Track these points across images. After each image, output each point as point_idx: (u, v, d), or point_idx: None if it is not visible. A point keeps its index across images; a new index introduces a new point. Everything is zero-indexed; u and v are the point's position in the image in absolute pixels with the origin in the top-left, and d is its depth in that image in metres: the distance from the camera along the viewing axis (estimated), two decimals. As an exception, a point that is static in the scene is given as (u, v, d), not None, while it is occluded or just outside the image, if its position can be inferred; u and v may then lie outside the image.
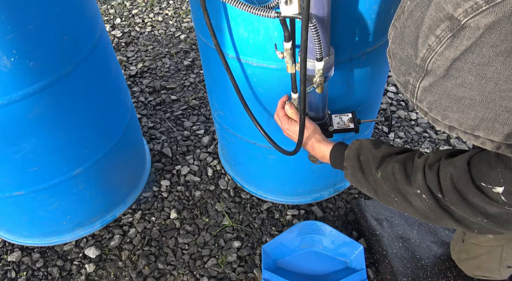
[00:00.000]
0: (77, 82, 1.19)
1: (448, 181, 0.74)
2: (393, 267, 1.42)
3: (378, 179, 0.89)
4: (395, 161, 0.86)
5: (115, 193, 1.63)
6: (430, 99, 0.54)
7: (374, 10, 1.00)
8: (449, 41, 0.47)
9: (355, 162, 0.94)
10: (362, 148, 0.94)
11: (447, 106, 0.52)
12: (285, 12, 0.81)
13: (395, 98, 2.17)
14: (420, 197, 0.80)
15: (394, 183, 0.85)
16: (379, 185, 0.89)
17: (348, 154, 0.96)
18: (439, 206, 0.77)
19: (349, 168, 0.96)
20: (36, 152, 1.22)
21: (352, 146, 0.97)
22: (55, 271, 1.53)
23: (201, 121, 2.10)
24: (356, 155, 0.95)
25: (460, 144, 1.92)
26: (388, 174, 0.86)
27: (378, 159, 0.90)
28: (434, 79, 0.51)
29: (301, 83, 0.90)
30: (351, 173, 0.96)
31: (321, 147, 1.05)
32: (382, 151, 0.91)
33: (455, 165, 0.73)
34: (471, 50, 0.46)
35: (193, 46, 2.62)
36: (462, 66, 0.47)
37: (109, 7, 3.05)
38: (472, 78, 0.47)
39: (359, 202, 1.64)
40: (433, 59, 0.50)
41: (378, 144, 0.94)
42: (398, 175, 0.84)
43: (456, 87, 0.49)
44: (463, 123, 0.52)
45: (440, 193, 0.76)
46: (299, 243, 1.51)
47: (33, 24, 0.99)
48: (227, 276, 1.51)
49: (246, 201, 1.74)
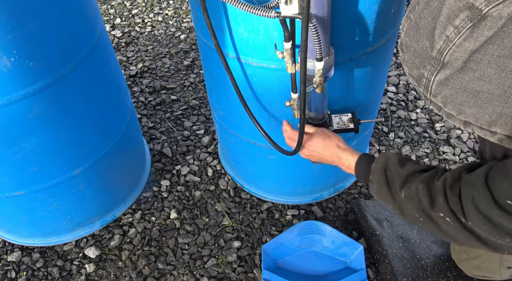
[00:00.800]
0: (77, 82, 1.19)
1: (470, 204, 0.70)
2: (393, 267, 1.42)
3: (402, 199, 0.86)
4: (419, 180, 0.83)
5: (115, 193, 1.63)
6: (445, 93, 0.52)
7: (374, 10, 1.01)
8: (469, 31, 0.45)
9: (381, 177, 0.91)
10: (388, 164, 0.91)
11: (464, 101, 0.50)
12: (285, 12, 0.81)
13: (395, 98, 2.17)
14: (444, 220, 0.77)
15: (418, 204, 0.82)
16: (404, 204, 0.86)
17: (375, 168, 0.93)
18: (464, 228, 0.74)
19: (375, 183, 0.92)
20: (36, 152, 1.22)
21: (379, 160, 0.93)
22: (55, 271, 1.53)
23: (201, 121, 2.10)
24: (383, 170, 0.91)
25: (460, 144, 1.92)
26: (412, 194, 0.83)
27: (402, 178, 0.86)
28: (451, 72, 0.49)
29: (301, 83, 0.90)
30: (377, 187, 0.92)
31: (347, 156, 1.02)
32: (407, 169, 0.87)
33: (474, 186, 0.70)
34: (492, 41, 0.43)
35: (193, 46, 2.62)
36: (481, 58, 0.45)
37: (109, 7, 3.05)
38: (491, 71, 0.45)
39: (359, 202, 1.64)
40: (450, 51, 0.48)
41: (404, 161, 0.90)
42: (421, 196, 0.81)
43: (474, 81, 0.47)
44: (480, 118, 0.49)
45: (463, 217, 0.73)
46: (299, 243, 1.51)
47: (33, 24, 0.99)
48: (227, 276, 1.51)
49: (246, 201, 1.74)
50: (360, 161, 1.00)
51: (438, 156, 1.88)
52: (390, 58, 1.32)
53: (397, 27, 1.19)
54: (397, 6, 1.09)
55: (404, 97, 2.18)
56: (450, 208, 0.75)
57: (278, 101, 1.18)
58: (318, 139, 1.08)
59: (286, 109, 1.16)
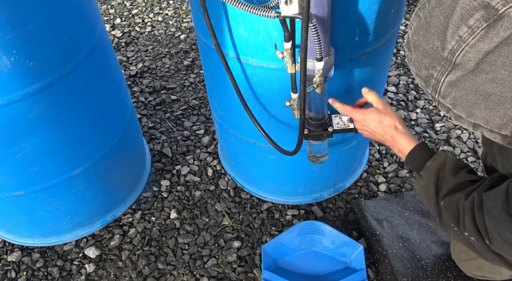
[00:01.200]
0: (77, 82, 1.19)
1: (493, 232, 0.69)
2: (393, 267, 1.42)
3: (442, 205, 0.84)
4: (463, 193, 0.81)
5: (115, 193, 1.63)
6: (455, 95, 0.50)
7: (374, 10, 1.00)
8: (484, 32, 0.43)
9: (433, 176, 0.87)
10: (445, 167, 0.87)
11: (474, 103, 0.49)
12: (285, 12, 0.81)
13: (395, 98, 2.17)
14: (470, 239, 0.77)
15: (456, 214, 0.80)
16: (442, 210, 0.85)
17: (430, 166, 0.89)
18: (489, 250, 0.74)
19: (425, 180, 0.89)
20: (36, 152, 1.22)
21: (437, 160, 0.88)
22: (55, 271, 1.53)
23: (201, 121, 2.10)
24: (437, 170, 0.87)
25: (460, 144, 1.92)
26: (452, 204, 0.81)
27: (449, 187, 0.84)
28: (462, 73, 0.48)
29: (301, 83, 0.90)
30: (425, 185, 0.89)
31: (403, 140, 0.95)
32: (458, 179, 0.84)
33: (493, 214, 0.69)
34: (507, 43, 0.42)
35: (193, 46, 2.62)
36: (495, 59, 0.44)
37: (109, 7, 3.05)
38: (505, 73, 0.44)
39: (359, 202, 1.64)
40: (463, 52, 0.46)
41: (458, 169, 0.86)
42: (461, 210, 0.79)
43: (486, 83, 0.46)
44: (490, 121, 0.49)
45: (488, 240, 0.72)
46: (299, 243, 1.51)
47: (33, 24, 0.99)
48: (227, 276, 1.51)
49: (246, 201, 1.74)
50: (416, 151, 0.94)
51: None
52: (390, 58, 1.32)
53: (397, 27, 1.19)
54: (397, 6, 1.09)
55: (404, 97, 2.18)
56: (477, 230, 0.74)
57: (278, 101, 1.18)
58: (376, 115, 1.00)
59: (286, 109, 1.16)
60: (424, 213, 1.59)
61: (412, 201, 1.63)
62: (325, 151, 1.31)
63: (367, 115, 1.01)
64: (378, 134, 1.01)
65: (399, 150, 0.98)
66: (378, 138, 1.02)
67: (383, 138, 1.00)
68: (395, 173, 1.81)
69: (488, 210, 0.71)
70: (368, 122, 1.01)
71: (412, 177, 1.80)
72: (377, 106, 1.02)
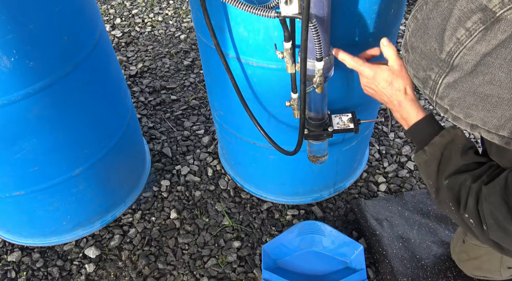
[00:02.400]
0: (77, 82, 1.19)
1: (490, 218, 0.70)
2: (393, 267, 1.42)
3: (444, 184, 0.82)
4: (470, 174, 0.79)
5: (115, 193, 1.63)
6: (453, 96, 0.51)
7: (374, 10, 1.01)
8: (481, 34, 0.44)
9: (438, 152, 0.82)
10: (453, 145, 0.82)
11: (472, 104, 0.49)
12: (285, 12, 0.81)
13: (395, 98, 2.17)
14: (468, 221, 0.76)
15: (457, 194, 0.79)
16: (443, 188, 0.82)
17: (436, 141, 0.83)
18: (484, 234, 0.74)
19: (428, 155, 0.84)
20: (36, 152, 1.22)
21: (445, 136, 0.82)
22: (55, 271, 1.53)
23: (201, 121, 2.10)
24: (443, 147, 0.82)
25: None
26: (456, 184, 0.79)
27: (456, 167, 0.80)
28: (460, 75, 0.48)
29: (301, 83, 0.90)
30: (427, 160, 0.84)
31: (410, 108, 0.87)
32: (465, 159, 0.81)
33: (490, 200, 0.69)
34: (505, 45, 0.43)
35: (193, 46, 2.62)
36: (493, 61, 0.44)
37: (109, 7, 3.05)
38: (502, 75, 0.44)
39: (359, 202, 1.64)
40: (461, 54, 0.47)
41: (466, 149, 0.82)
42: (464, 191, 0.78)
43: (483, 84, 0.47)
44: (488, 122, 0.49)
45: (485, 225, 0.72)
46: (299, 243, 1.50)
47: (33, 24, 0.99)
48: (227, 276, 1.51)
49: (246, 201, 1.74)
50: (423, 122, 0.86)
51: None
52: (390, 58, 1.32)
53: (397, 27, 1.19)
54: (397, 6, 1.09)
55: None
56: (478, 214, 0.73)
57: (278, 101, 1.18)
58: (388, 74, 0.89)
59: (286, 109, 1.16)
60: (424, 213, 1.59)
61: (412, 201, 1.63)
62: (325, 151, 1.31)
63: (378, 72, 0.90)
64: (384, 96, 0.92)
65: (403, 117, 0.89)
66: (382, 100, 0.93)
67: (388, 100, 0.91)
68: (395, 173, 1.81)
69: (485, 197, 0.71)
70: (378, 80, 0.90)
71: (412, 177, 1.80)
72: (392, 64, 0.90)
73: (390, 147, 1.92)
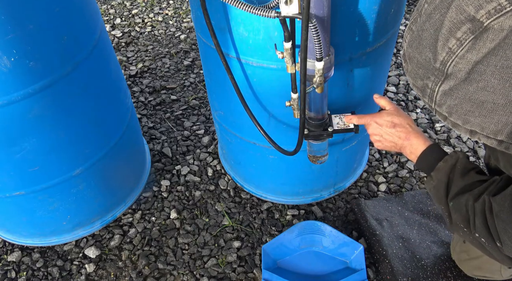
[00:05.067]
0: (77, 82, 1.19)
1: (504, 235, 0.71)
2: (393, 267, 1.42)
3: (451, 207, 0.85)
4: (472, 194, 0.81)
5: (115, 193, 1.63)
6: (450, 104, 0.52)
7: (374, 10, 1.00)
8: (471, 43, 0.45)
9: (444, 177, 0.87)
10: (455, 168, 0.87)
11: (469, 111, 0.50)
12: (285, 12, 0.81)
13: (395, 98, 2.17)
14: (480, 240, 0.78)
15: (465, 215, 0.81)
16: (452, 212, 0.85)
17: (441, 167, 0.89)
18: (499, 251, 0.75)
19: (435, 181, 0.89)
20: (36, 152, 1.22)
21: (449, 160, 0.88)
22: (55, 271, 1.53)
23: (201, 121, 2.10)
24: (448, 171, 0.87)
25: (460, 144, 1.92)
26: (461, 205, 0.82)
27: (458, 189, 0.84)
28: (454, 82, 0.50)
29: (301, 83, 0.90)
30: (435, 185, 0.89)
31: (416, 140, 0.95)
32: (467, 180, 0.84)
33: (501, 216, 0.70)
34: (494, 53, 0.44)
35: (193, 46, 2.62)
36: (484, 69, 0.46)
37: (109, 7, 3.05)
38: (495, 81, 0.46)
39: (359, 202, 1.64)
40: (453, 62, 0.48)
41: (467, 169, 0.86)
42: (470, 211, 0.80)
43: (478, 91, 0.48)
44: (486, 127, 0.50)
45: (499, 242, 0.73)
46: (299, 243, 1.50)
47: (33, 24, 0.99)
48: (227, 276, 1.51)
49: (246, 201, 1.74)
50: (428, 151, 0.93)
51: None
52: (390, 58, 1.32)
53: (397, 27, 1.19)
54: (397, 6, 1.09)
55: (404, 97, 2.18)
56: (488, 231, 0.75)
57: (278, 101, 1.18)
58: (388, 116, 1.02)
59: (286, 109, 1.16)
60: (424, 213, 1.59)
61: (412, 201, 1.63)
62: (325, 151, 1.31)
63: (377, 117, 1.02)
64: (391, 137, 1.00)
65: (411, 151, 0.97)
66: (391, 142, 1.01)
67: (397, 138, 0.99)
68: (395, 173, 1.81)
69: (496, 214, 0.72)
70: (381, 123, 1.02)
71: (412, 177, 1.80)
72: (389, 109, 1.04)
73: (390, 147, 1.92)
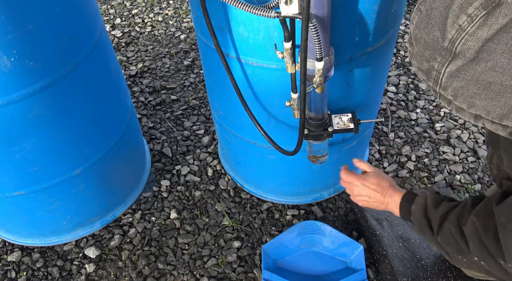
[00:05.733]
0: (77, 82, 1.19)
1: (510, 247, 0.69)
2: (393, 267, 1.42)
3: (441, 243, 0.85)
4: (449, 222, 0.82)
5: (115, 193, 1.63)
6: (456, 86, 0.51)
7: (374, 10, 1.00)
8: (483, 19, 0.44)
9: (422, 219, 0.90)
10: (427, 205, 0.90)
11: (475, 93, 0.49)
12: (285, 12, 0.81)
13: (395, 98, 2.17)
14: (479, 263, 0.77)
15: (456, 245, 0.81)
16: (445, 247, 0.85)
17: (414, 210, 0.93)
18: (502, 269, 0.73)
19: (416, 224, 0.92)
20: (36, 152, 1.22)
21: (418, 201, 0.93)
22: (55, 271, 1.53)
23: (201, 121, 2.10)
24: (423, 212, 0.91)
25: (460, 144, 1.92)
26: (448, 237, 0.82)
27: (437, 222, 0.85)
28: (462, 62, 0.48)
29: (301, 83, 0.90)
30: (420, 228, 0.92)
31: (397, 196, 1.01)
32: (441, 211, 0.86)
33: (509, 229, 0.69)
34: (506, 29, 0.43)
35: (193, 46, 2.62)
36: (494, 47, 0.44)
37: (109, 7, 3.05)
38: (504, 61, 0.44)
39: (359, 202, 1.64)
40: (463, 40, 0.47)
41: (438, 202, 0.89)
42: (458, 238, 0.80)
43: (486, 71, 0.46)
44: (491, 111, 0.49)
45: (502, 260, 0.72)
46: (299, 243, 1.50)
47: (33, 24, 0.99)
48: (227, 276, 1.51)
49: (246, 201, 1.74)
50: (403, 200, 0.98)
51: (438, 156, 1.88)
52: (390, 58, 1.32)
53: (397, 27, 1.19)
54: (397, 6, 1.09)
55: (404, 97, 2.18)
56: (488, 252, 0.74)
57: (278, 101, 1.18)
58: (372, 178, 1.08)
59: (286, 109, 1.16)
60: (424, 213, 1.59)
61: (412, 201, 1.63)
62: (325, 151, 1.31)
63: (368, 177, 1.08)
64: (376, 195, 1.06)
65: (396, 206, 1.02)
66: (376, 200, 1.07)
67: (380, 198, 1.06)
68: (395, 173, 1.81)
69: (503, 226, 0.70)
70: (368, 185, 1.07)
71: (412, 177, 1.80)
72: (371, 171, 1.12)
73: (390, 147, 1.92)
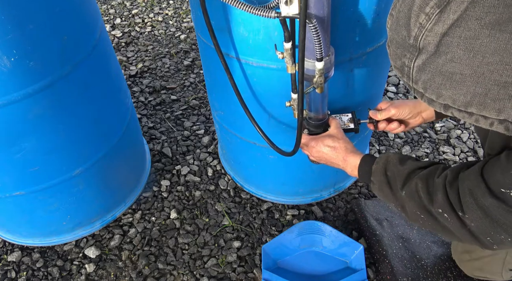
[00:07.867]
0: (77, 82, 1.18)
1: (468, 197, 0.73)
2: (393, 267, 1.42)
3: (404, 197, 0.88)
4: (418, 177, 0.86)
5: (115, 193, 1.63)
6: (424, 78, 0.54)
7: (374, 10, 1.00)
8: (437, 16, 0.48)
9: (382, 177, 0.93)
10: (389, 163, 0.94)
11: (440, 84, 0.53)
12: (285, 12, 0.81)
13: (395, 98, 2.17)
14: (442, 216, 0.80)
15: (419, 201, 0.85)
16: (405, 202, 0.88)
17: (375, 168, 0.96)
18: (461, 224, 0.77)
19: (376, 183, 0.96)
20: (36, 152, 1.22)
21: (380, 161, 0.96)
22: (55, 271, 1.53)
23: (201, 121, 2.10)
24: (383, 170, 0.94)
25: (460, 144, 1.92)
26: (412, 192, 0.86)
27: (403, 177, 0.89)
28: (426, 56, 0.52)
29: (299, 82, 0.91)
30: (378, 187, 0.95)
31: (352, 159, 1.04)
32: (407, 167, 0.90)
33: (469, 178, 0.73)
34: (458, 24, 0.47)
35: (193, 46, 2.62)
36: (450, 40, 0.48)
37: (109, 7, 3.05)
38: (460, 52, 0.48)
39: (359, 202, 1.64)
40: (424, 36, 0.51)
41: (404, 160, 0.93)
42: (421, 193, 0.84)
43: (447, 63, 0.50)
44: (457, 100, 0.52)
45: (461, 211, 0.76)
46: (299, 243, 1.50)
47: (33, 24, 0.99)
48: (227, 276, 1.51)
49: (246, 201, 1.74)
50: (361, 163, 1.02)
51: (438, 156, 1.88)
52: (390, 58, 1.32)
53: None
54: (397, 6, 1.09)
55: (404, 97, 2.18)
56: (449, 203, 0.78)
57: (278, 101, 1.18)
58: (327, 140, 1.10)
59: (286, 109, 1.16)
60: (424, 213, 1.59)
61: (412, 201, 1.63)
62: (325, 151, 1.31)
63: (321, 140, 1.11)
64: (333, 158, 1.09)
65: (352, 169, 1.05)
66: (332, 163, 1.10)
67: (337, 161, 1.08)
68: (395, 173, 1.81)
69: (465, 176, 0.75)
70: (323, 148, 1.10)
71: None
72: (331, 130, 1.14)
73: (390, 147, 1.92)
